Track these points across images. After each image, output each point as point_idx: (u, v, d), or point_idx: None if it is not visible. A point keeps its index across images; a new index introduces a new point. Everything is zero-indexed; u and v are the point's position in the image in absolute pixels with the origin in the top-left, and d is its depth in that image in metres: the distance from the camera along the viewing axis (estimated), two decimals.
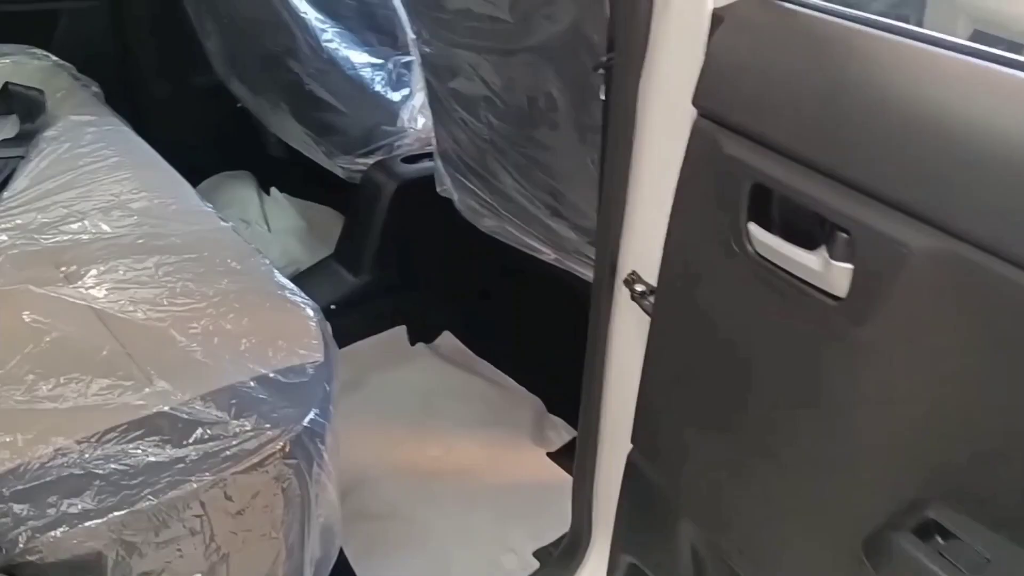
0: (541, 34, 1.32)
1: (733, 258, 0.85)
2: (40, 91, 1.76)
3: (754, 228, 0.82)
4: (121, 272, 1.34)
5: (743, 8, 0.84)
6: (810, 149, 0.75)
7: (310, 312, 1.32)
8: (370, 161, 2.02)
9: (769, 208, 0.83)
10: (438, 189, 1.84)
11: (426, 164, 1.95)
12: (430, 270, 2.06)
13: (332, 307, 1.98)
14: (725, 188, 0.84)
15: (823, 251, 0.76)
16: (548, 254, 1.66)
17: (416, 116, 1.99)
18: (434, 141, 1.81)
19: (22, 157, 1.58)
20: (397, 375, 1.97)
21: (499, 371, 2.00)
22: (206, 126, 2.45)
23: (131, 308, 1.27)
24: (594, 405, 1.29)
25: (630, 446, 1.19)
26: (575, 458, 1.39)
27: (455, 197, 1.79)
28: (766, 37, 0.82)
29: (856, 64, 0.75)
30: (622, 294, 1.17)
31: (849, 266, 0.74)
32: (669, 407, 1.06)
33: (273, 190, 2.49)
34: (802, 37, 0.80)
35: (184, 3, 2.12)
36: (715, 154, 0.84)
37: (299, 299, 1.34)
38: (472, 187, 1.74)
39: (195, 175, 2.48)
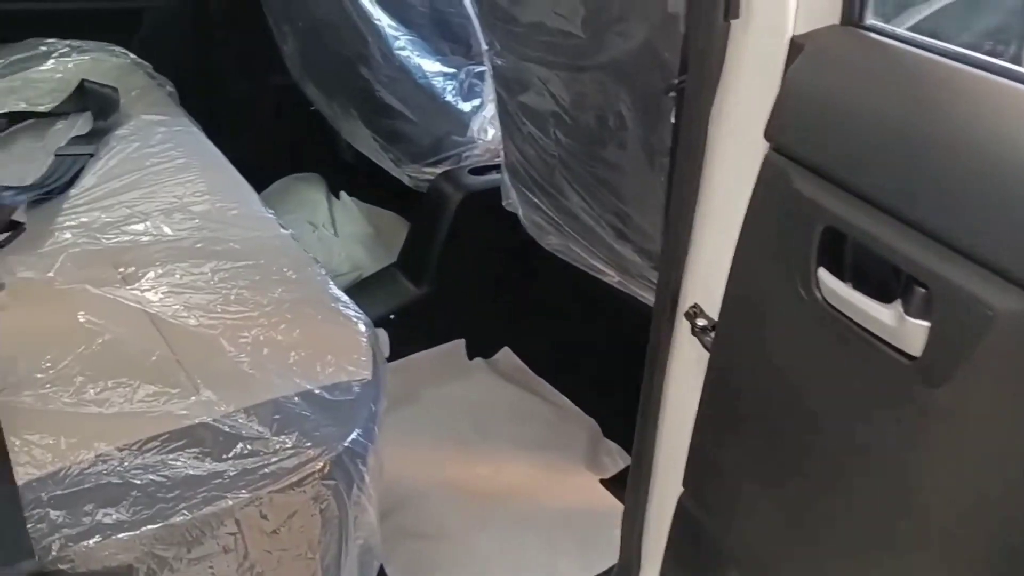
0: (613, 51, 1.28)
1: (800, 303, 0.79)
2: (114, 89, 1.77)
3: (824, 274, 0.76)
4: (178, 276, 1.34)
5: (825, 36, 0.78)
6: (889, 194, 0.69)
7: (362, 327, 1.29)
8: (438, 171, 2.00)
9: (842, 253, 0.77)
10: (504, 203, 1.80)
11: (493, 176, 1.91)
12: (492, 284, 2.02)
13: (391, 317, 1.97)
14: (795, 229, 0.78)
15: (898, 305, 0.70)
16: (612, 276, 1.61)
17: (486, 127, 1.96)
18: (502, 154, 1.78)
19: (92, 155, 1.60)
20: (453, 389, 1.94)
21: (557, 391, 1.96)
22: (280, 127, 2.46)
23: (184, 314, 1.27)
24: (648, 438, 1.24)
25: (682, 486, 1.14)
26: (627, 490, 1.34)
27: (520, 212, 1.75)
28: (849, 69, 0.76)
29: (946, 105, 0.69)
30: (683, 326, 1.12)
31: (926, 324, 0.68)
32: (723, 453, 1.01)
33: (343, 194, 2.49)
34: (889, 71, 0.74)
35: (263, 5, 2.12)
36: (786, 191, 0.79)
37: (352, 313, 1.32)
38: (538, 203, 1.70)
39: (267, 176, 2.52)
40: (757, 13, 0.90)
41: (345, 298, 1.35)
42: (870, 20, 0.78)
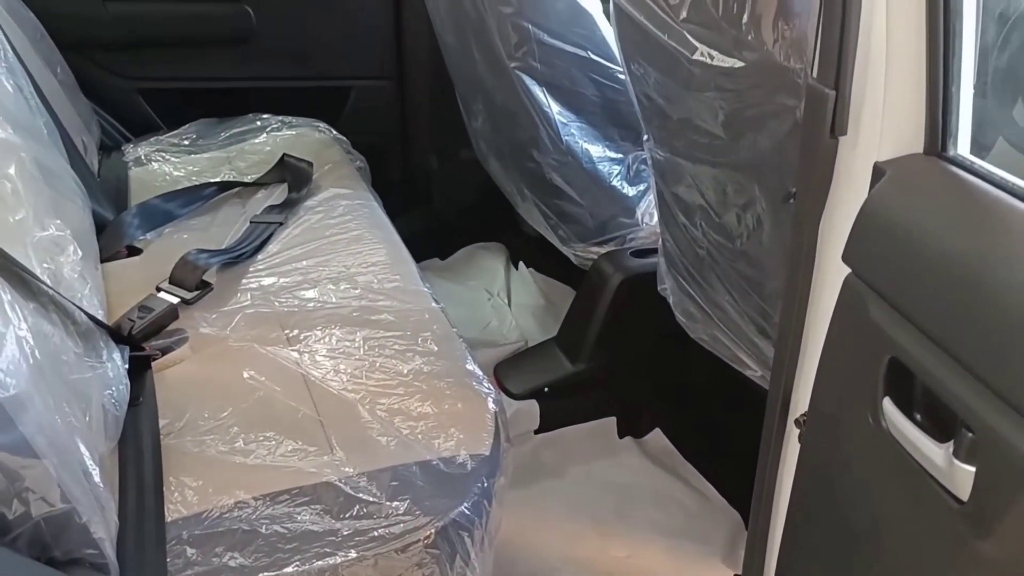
0: (748, 152, 1.30)
1: (868, 427, 0.78)
2: (310, 163, 1.96)
3: (888, 405, 0.75)
4: (334, 341, 1.46)
5: (907, 164, 0.78)
6: (946, 332, 0.68)
7: (490, 404, 1.36)
8: (602, 250, 2.05)
9: (911, 385, 0.75)
10: (659, 288, 1.83)
11: (654, 260, 1.94)
12: (648, 365, 2.04)
13: (546, 389, 2.03)
14: (866, 355, 0.78)
15: (950, 446, 0.69)
16: (755, 371, 1.60)
17: (651, 211, 2.00)
18: (660, 241, 1.81)
19: (281, 223, 1.77)
20: (598, 467, 1.96)
21: (703, 478, 1.94)
22: (468, 199, 2.61)
23: (333, 377, 1.38)
24: (759, 541, 1.23)
25: None
26: None
27: (672, 299, 1.77)
28: (924, 201, 0.75)
29: (1011, 251, 0.67)
30: (793, 433, 1.11)
31: (972, 469, 0.66)
32: (802, 556, 0.99)
33: (520, 265, 2.59)
34: (961, 208, 0.73)
35: (455, 86, 2.28)
36: (860, 317, 0.78)
37: (484, 390, 1.39)
38: (690, 292, 1.72)
39: (454, 243, 2.67)
40: (863, 133, 0.91)
41: (480, 374, 1.43)
42: (953, 151, 0.77)
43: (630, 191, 2.00)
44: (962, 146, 0.84)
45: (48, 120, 1.66)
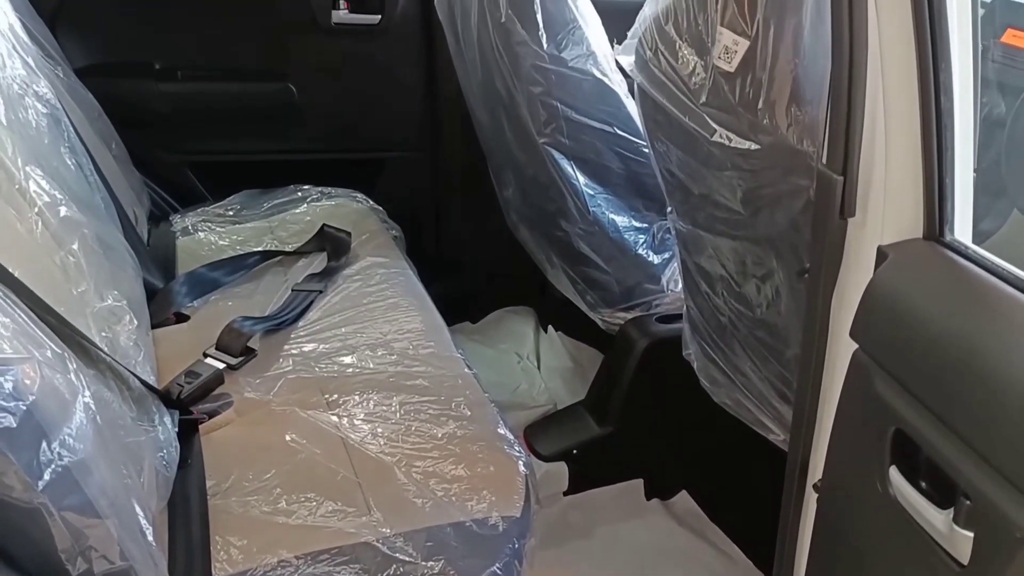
0: (766, 227, 1.36)
1: (876, 493, 0.83)
2: (348, 233, 2.05)
3: (894, 473, 0.80)
4: (371, 406, 1.53)
5: (907, 249, 0.85)
6: (945, 408, 0.74)
7: (521, 468, 1.42)
8: (629, 316, 2.11)
9: (916, 454, 0.81)
10: (684, 353, 1.89)
11: (679, 325, 2.00)
12: (675, 427, 2.09)
13: (575, 451, 2.08)
14: (874, 426, 0.83)
15: (951, 512, 0.74)
16: (777, 435, 1.64)
17: (676, 278, 2.06)
18: (684, 307, 1.87)
19: (321, 291, 1.86)
20: (626, 528, 2.00)
21: (730, 540, 1.97)
22: (499, 264, 2.68)
23: (371, 440, 1.45)
24: None
25: None
26: None
27: (696, 364, 1.83)
28: (923, 284, 0.82)
29: (1003, 334, 0.73)
30: (812, 497, 1.16)
31: (970, 534, 0.71)
32: None
33: (550, 328, 2.65)
34: (957, 292, 0.79)
35: (486, 156, 2.37)
36: (868, 390, 0.84)
37: (514, 453, 1.45)
38: (713, 357, 1.77)
39: (485, 307, 2.74)
40: (870, 216, 0.97)
41: (511, 438, 1.49)
42: (950, 236, 0.84)
43: (655, 259, 2.07)
44: (961, 230, 0.91)
45: (105, 195, 1.77)
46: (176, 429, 1.42)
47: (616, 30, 1.84)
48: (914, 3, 0.84)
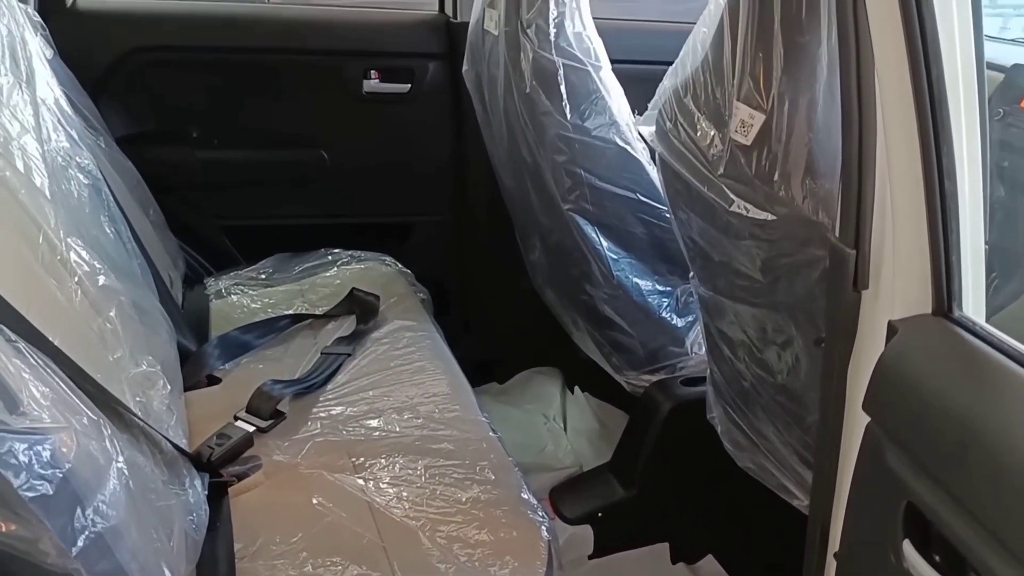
0: (785, 295, 1.38)
1: (892, 566, 0.84)
2: (376, 297, 2.09)
3: (907, 547, 0.81)
4: (397, 469, 1.55)
5: (918, 324, 0.86)
6: (954, 483, 0.75)
7: (544, 533, 1.43)
8: (654, 378, 2.13)
9: (928, 527, 0.82)
10: (708, 417, 1.89)
11: (703, 388, 2.01)
12: (700, 491, 2.09)
13: (599, 515, 2.08)
14: (887, 499, 0.84)
15: None
16: (801, 500, 1.64)
17: (700, 341, 2.08)
18: (708, 371, 1.88)
19: (350, 354, 1.89)
20: None
21: None
22: (525, 325, 2.71)
23: (396, 504, 1.47)
24: None
25: None
26: None
27: (719, 428, 1.84)
28: (931, 360, 0.83)
29: (1014, 413, 0.75)
30: (832, 565, 1.16)
31: None
32: None
33: (576, 389, 2.67)
34: (965, 369, 0.80)
35: (513, 221, 2.41)
36: (880, 463, 0.86)
37: (537, 518, 1.46)
38: (737, 421, 1.78)
39: (510, 367, 2.77)
40: (883, 289, 0.99)
41: (534, 502, 1.50)
42: (958, 312, 0.86)
43: (679, 322, 2.09)
44: (974, 303, 0.93)
45: (142, 261, 1.83)
46: (206, 492, 1.45)
47: (637, 99, 1.89)
48: (915, 86, 0.86)
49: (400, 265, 2.35)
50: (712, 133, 1.43)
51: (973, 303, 0.93)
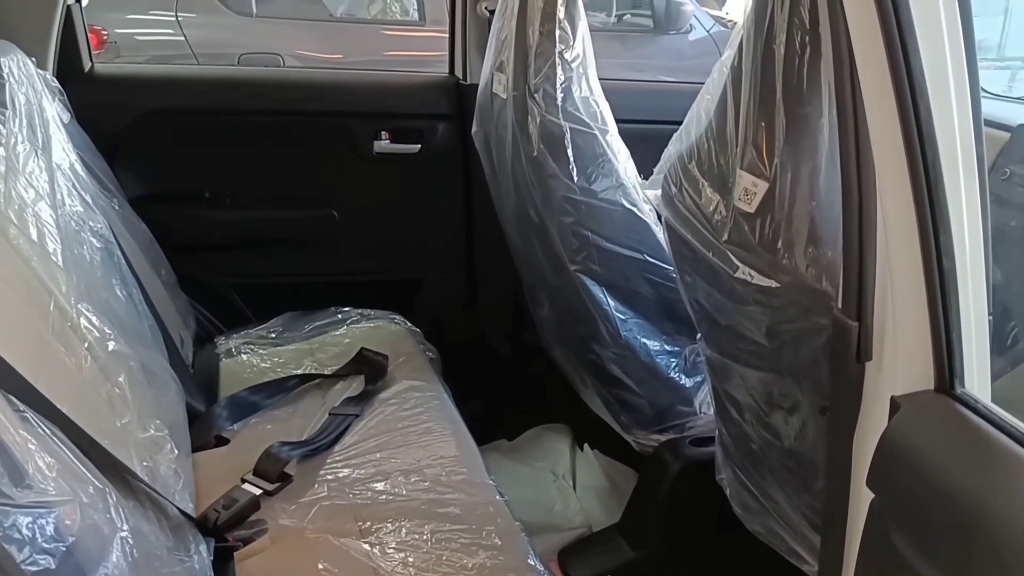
0: (790, 361, 1.38)
1: None
2: (385, 356, 2.10)
3: None
4: (403, 534, 1.55)
5: (920, 401, 0.86)
6: (953, 565, 0.75)
7: None
8: (662, 438, 2.12)
9: None
10: (716, 478, 1.88)
11: (712, 448, 2.00)
12: (709, 552, 2.07)
13: None
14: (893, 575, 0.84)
15: None
16: (812, 566, 1.62)
17: (709, 400, 2.07)
18: (716, 432, 1.88)
19: (358, 415, 1.90)
20: None
21: None
22: (534, 382, 2.71)
23: (401, 570, 1.46)
24: None
25: None
26: None
27: (728, 490, 1.82)
28: (933, 438, 0.83)
29: (1014, 495, 0.74)
30: None
31: None
32: None
33: (586, 447, 2.66)
34: (966, 448, 0.80)
35: (521, 278, 2.43)
36: (883, 539, 0.85)
37: None
38: (746, 483, 1.77)
39: (519, 424, 2.76)
40: (886, 363, 0.99)
41: (540, 568, 1.49)
42: (960, 389, 0.86)
43: (688, 382, 2.08)
44: (978, 379, 0.92)
45: (152, 323, 1.84)
46: (211, 557, 1.45)
47: (643, 158, 1.91)
48: (909, 158, 0.87)
49: (409, 324, 2.36)
50: (716, 200, 1.44)
51: (978, 378, 0.93)
